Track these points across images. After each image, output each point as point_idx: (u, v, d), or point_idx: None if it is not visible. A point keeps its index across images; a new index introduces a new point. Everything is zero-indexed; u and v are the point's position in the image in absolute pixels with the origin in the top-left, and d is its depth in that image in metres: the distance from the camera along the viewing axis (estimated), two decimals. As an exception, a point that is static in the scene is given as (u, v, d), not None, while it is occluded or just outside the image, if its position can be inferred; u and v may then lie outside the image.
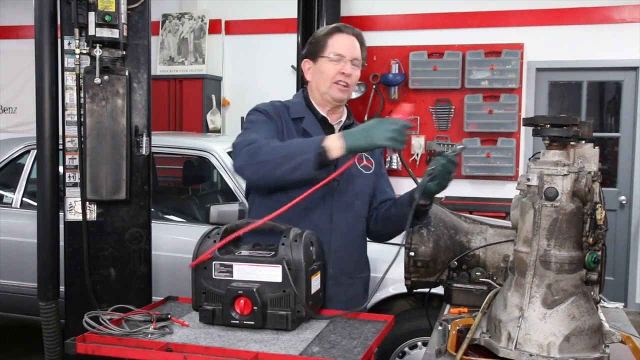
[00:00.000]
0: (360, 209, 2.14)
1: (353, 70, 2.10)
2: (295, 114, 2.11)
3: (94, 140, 2.65)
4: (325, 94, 2.11)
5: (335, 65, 2.07)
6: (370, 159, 2.18)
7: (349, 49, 2.09)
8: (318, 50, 2.11)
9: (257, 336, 1.72)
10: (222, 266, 1.81)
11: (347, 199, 2.10)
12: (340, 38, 2.10)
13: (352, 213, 2.11)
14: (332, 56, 2.08)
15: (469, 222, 1.92)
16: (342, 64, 2.08)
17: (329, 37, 2.11)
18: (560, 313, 1.41)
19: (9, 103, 6.94)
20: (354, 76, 2.10)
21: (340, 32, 2.11)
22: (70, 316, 2.77)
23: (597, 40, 5.51)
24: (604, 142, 5.77)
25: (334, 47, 2.09)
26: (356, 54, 2.11)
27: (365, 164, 2.16)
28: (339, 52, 2.08)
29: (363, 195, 2.14)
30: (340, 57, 2.08)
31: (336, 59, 2.08)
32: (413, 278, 1.89)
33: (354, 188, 2.11)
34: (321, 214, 2.05)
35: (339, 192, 2.09)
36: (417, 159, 5.92)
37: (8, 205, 3.85)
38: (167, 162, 4.65)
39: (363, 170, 2.14)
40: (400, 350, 3.04)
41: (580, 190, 1.45)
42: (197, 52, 6.42)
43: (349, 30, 2.13)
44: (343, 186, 2.09)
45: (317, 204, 2.05)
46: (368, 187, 2.14)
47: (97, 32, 2.59)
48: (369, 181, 2.16)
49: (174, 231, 3.49)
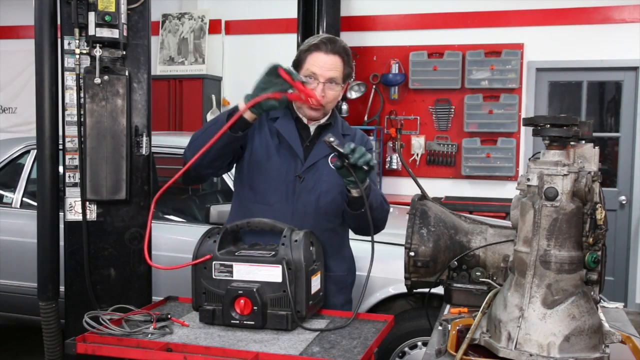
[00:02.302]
0: (326, 206, 2.13)
1: (328, 91, 2.07)
2: (272, 115, 2.15)
3: (94, 140, 2.65)
4: (299, 109, 2.14)
5: (309, 85, 2.03)
6: None
7: (325, 69, 2.05)
8: (297, 65, 2.11)
9: (257, 336, 1.72)
10: (222, 266, 1.81)
11: (312, 196, 2.11)
12: (318, 57, 2.05)
13: (316, 210, 2.11)
14: (307, 75, 2.05)
15: (469, 222, 1.92)
16: (314, 85, 2.05)
17: (308, 54, 2.07)
18: (560, 313, 1.41)
19: (9, 103, 6.94)
20: (329, 96, 2.07)
21: (318, 50, 2.06)
22: (70, 316, 2.77)
23: (597, 40, 5.51)
24: (604, 142, 5.77)
25: (310, 65, 2.06)
26: (332, 75, 2.05)
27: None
28: (313, 71, 2.05)
29: (332, 193, 2.12)
30: (314, 76, 2.05)
31: (310, 79, 2.05)
32: (413, 278, 1.88)
33: (320, 186, 2.11)
34: (283, 210, 2.07)
35: (304, 189, 2.11)
36: (417, 159, 5.92)
37: (8, 205, 3.85)
38: (167, 162, 4.65)
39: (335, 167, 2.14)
40: (400, 350, 3.04)
41: (580, 190, 1.45)
42: (197, 52, 6.42)
43: (330, 47, 2.06)
44: (308, 183, 2.11)
45: (279, 199, 2.08)
46: (338, 185, 2.11)
47: (97, 32, 2.59)
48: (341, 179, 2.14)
49: (174, 231, 3.49)
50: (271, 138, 2.14)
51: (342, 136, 2.19)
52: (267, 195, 2.11)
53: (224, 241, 1.87)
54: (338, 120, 2.23)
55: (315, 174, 2.12)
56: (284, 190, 2.10)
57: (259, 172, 2.10)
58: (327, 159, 2.13)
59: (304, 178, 2.11)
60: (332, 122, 2.19)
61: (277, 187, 2.10)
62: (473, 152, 5.74)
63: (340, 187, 2.13)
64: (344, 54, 2.10)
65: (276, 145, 2.13)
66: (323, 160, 2.14)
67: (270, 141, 2.13)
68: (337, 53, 2.08)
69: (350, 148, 1.83)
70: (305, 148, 2.15)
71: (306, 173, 2.11)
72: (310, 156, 2.13)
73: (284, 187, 2.10)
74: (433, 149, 5.92)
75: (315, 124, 2.18)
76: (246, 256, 1.82)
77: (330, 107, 2.15)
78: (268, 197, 2.10)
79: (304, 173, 2.11)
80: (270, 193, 2.10)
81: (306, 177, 2.11)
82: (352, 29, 6.06)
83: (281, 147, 2.13)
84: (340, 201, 2.14)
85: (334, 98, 2.11)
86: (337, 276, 2.18)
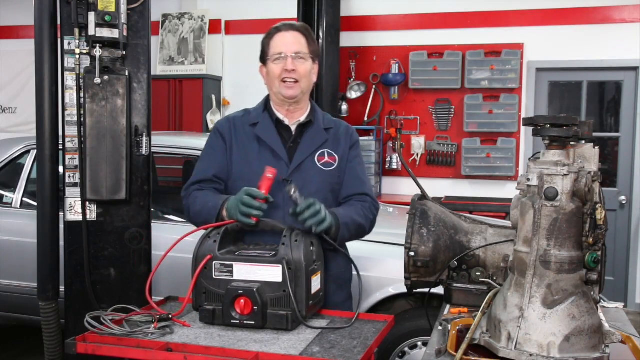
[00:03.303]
0: None
1: (298, 64, 2.11)
2: (252, 120, 2.18)
3: (94, 140, 2.65)
4: (277, 94, 2.15)
5: (278, 65, 2.11)
6: (334, 154, 2.16)
7: (288, 44, 2.12)
8: (264, 54, 2.18)
9: (257, 336, 1.72)
10: (223, 266, 1.81)
11: None
12: (279, 37, 2.14)
13: None
14: (274, 57, 2.12)
15: (469, 222, 1.92)
16: (284, 61, 2.10)
17: (270, 39, 2.16)
18: (560, 313, 1.41)
19: (9, 103, 6.94)
20: (300, 70, 2.11)
21: (278, 31, 2.15)
22: (70, 316, 2.77)
23: (597, 40, 5.51)
24: (604, 142, 5.77)
25: (274, 48, 2.13)
26: (297, 48, 2.12)
27: (326, 161, 2.15)
28: (279, 50, 2.12)
29: (322, 193, 2.11)
30: (281, 55, 2.11)
31: (278, 59, 2.11)
32: (413, 278, 1.88)
33: (309, 187, 2.09)
34: (273, 216, 2.03)
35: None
36: (417, 159, 5.92)
37: (8, 205, 3.85)
38: (167, 162, 4.65)
39: (323, 167, 2.14)
40: (400, 350, 3.03)
41: (580, 190, 1.45)
42: (197, 52, 6.42)
43: (288, 27, 2.15)
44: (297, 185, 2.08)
45: (273, 206, 2.05)
46: (328, 184, 2.12)
47: (97, 32, 2.59)
48: (331, 177, 2.15)
49: (174, 231, 3.48)
50: (249, 143, 2.13)
51: (325, 130, 2.18)
52: None
53: (224, 241, 1.87)
54: (319, 116, 2.22)
55: (302, 175, 2.10)
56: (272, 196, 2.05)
57: (243, 181, 2.05)
58: (314, 157, 2.12)
59: (292, 181, 2.07)
60: (312, 119, 2.19)
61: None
62: (473, 152, 5.73)
63: (330, 185, 2.14)
64: (304, 30, 2.17)
65: (256, 150, 2.12)
66: (309, 159, 2.13)
67: (250, 147, 2.13)
68: (297, 30, 2.16)
69: (306, 205, 1.89)
70: (289, 149, 2.13)
71: (293, 175, 2.09)
72: (296, 157, 2.12)
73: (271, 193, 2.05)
74: (433, 149, 5.92)
75: (295, 122, 2.17)
76: (246, 256, 1.82)
77: (306, 84, 2.14)
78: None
79: (291, 175, 2.09)
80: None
81: (294, 179, 2.07)
82: (352, 29, 6.06)
83: (263, 151, 2.12)
84: (332, 200, 2.14)
85: (306, 71, 2.13)
86: (335, 274, 2.17)
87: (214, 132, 2.22)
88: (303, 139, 2.15)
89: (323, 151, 2.14)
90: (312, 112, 2.21)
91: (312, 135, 2.16)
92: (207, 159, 2.19)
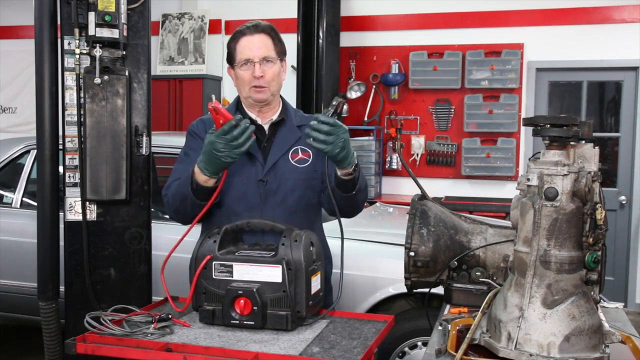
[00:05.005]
0: (295, 204, 2.12)
1: (266, 69, 2.09)
2: None
3: (94, 140, 2.65)
4: (247, 98, 2.15)
5: (247, 71, 2.09)
6: (308, 150, 2.14)
7: (254, 49, 2.08)
8: (231, 59, 2.15)
9: (257, 336, 1.72)
10: (222, 266, 1.81)
11: (278, 196, 2.09)
12: (245, 41, 2.10)
13: (286, 210, 2.09)
14: (241, 63, 2.10)
15: (469, 222, 1.92)
16: (251, 68, 2.08)
17: (236, 43, 2.12)
18: (560, 313, 1.41)
19: (9, 103, 6.94)
20: (268, 75, 2.10)
21: (243, 35, 2.11)
22: (70, 316, 2.77)
23: (597, 40, 5.51)
24: (604, 142, 5.77)
25: (241, 53, 2.10)
26: (264, 53, 2.09)
27: (300, 157, 2.14)
28: (245, 57, 2.09)
29: (299, 189, 2.11)
30: (248, 61, 2.08)
31: (246, 64, 2.09)
32: (413, 278, 1.88)
33: (285, 185, 2.09)
34: (251, 214, 2.03)
35: (269, 192, 2.09)
36: (417, 159, 5.92)
37: (8, 205, 3.85)
38: (167, 162, 4.64)
39: (297, 164, 2.13)
40: (400, 350, 3.04)
41: (580, 190, 1.45)
42: (197, 52, 6.42)
43: (253, 29, 2.11)
44: (272, 185, 2.09)
45: (246, 207, 2.06)
46: (304, 180, 2.11)
47: (97, 32, 2.59)
48: (306, 174, 2.13)
49: (174, 231, 3.48)
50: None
51: (297, 128, 2.17)
52: (233, 206, 2.08)
53: (224, 241, 1.87)
54: (291, 113, 2.22)
55: (277, 174, 2.10)
56: (248, 197, 2.08)
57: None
58: (288, 155, 2.12)
59: (267, 181, 2.08)
60: (285, 117, 2.19)
61: (241, 196, 2.08)
62: (473, 152, 5.74)
63: (307, 181, 2.13)
64: (269, 31, 2.14)
65: None
66: (283, 158, 2.12)
67: None
68: (263, 32, 2.12)
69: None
70: (263, 149, 2.13)
71: (268, 175, 2.09)
72: (270, 157, 2.11)
73: (248, 194, 2.08)
74: (433, 149, 5.92)
75: (268, 122, 2.17)
76: (246, 256, 1.82)
77: (275, 86, 2.13)
78: (234, 207, 2.07)
79: (266, 176, 2.09)
80: (235, 203, 2.08)
81: (269, 179, 2.08)
82: (352, 29, 6.06)
83: None
84: (311, 196, 2.13)
85: (274, 75, 2.12)
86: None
87: (189, 133, 2.21)
88: (276, 138, 2.15)
89: (297, 148, 2.14)
90: (284, 110, 2.21)
91: (284, 134, 2.16)
92: (185, 159, 2.16)
